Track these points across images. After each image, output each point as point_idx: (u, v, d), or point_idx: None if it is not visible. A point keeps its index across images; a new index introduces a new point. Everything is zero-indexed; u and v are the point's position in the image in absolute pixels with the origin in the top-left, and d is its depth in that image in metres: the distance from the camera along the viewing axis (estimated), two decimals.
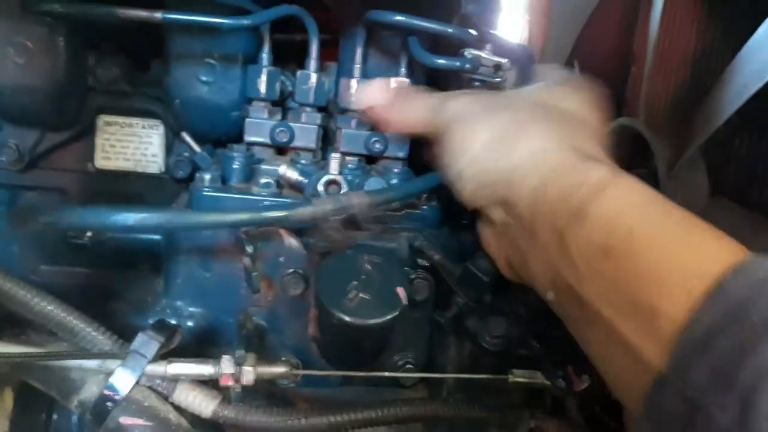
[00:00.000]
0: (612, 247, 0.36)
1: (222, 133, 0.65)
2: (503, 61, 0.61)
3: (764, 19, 0.70)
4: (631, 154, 0.90)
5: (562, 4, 1.11)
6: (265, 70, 0.61)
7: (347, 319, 0.48)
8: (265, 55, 0.61)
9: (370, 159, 0.64)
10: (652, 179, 0.82)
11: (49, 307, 0.48)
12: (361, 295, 0.49)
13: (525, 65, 0.81)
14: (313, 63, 0.61)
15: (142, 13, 0.56)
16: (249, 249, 0.51)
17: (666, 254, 0.34)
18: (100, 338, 0.49)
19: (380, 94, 0.57)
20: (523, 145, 0.45)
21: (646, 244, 0.35)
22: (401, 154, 0.62)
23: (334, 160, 0.53)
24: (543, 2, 1.10)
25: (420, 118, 0.53)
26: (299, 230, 0.55)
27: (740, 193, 0.76)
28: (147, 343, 0.48)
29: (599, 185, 0.39)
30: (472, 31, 0.60)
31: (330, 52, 0.66)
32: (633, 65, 0.96)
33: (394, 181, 0.61)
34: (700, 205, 0.76)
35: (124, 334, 0.51)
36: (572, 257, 0.38)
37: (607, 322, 0.36)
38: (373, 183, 0.59)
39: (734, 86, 0.72)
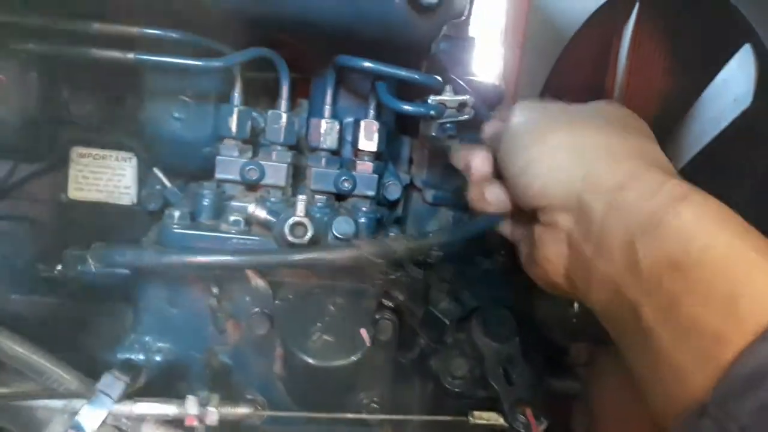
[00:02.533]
0: (682, 262, 0.35)
1: (194, 168, 0.66)
2: (466, 98, 0.62)
3: (726, 62, 0.73)
4: None
5: (536, 38, 1.13)
6: (236, 110, 0.62)
7: (311, 361, 0.49)
8: (236, 95, 0.62)
9: (339, 196, 0.65)
10: None
11: (15, 347, 0.49)
12: (324, 336, 0.50)
13: (495, 103, 0.84)
14: (283, 103, 0.62)
15: (115, 54, 0.57)
16: (215, 289, 0.52)
17: (739, 278, 0.33)
18: (67, 378, 0.50)
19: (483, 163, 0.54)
20: (599, 147, 0.44)
21: (719, 264, 0.34)
22: (370, 193, 0.64)
23: (301, 203, 0.55)
24: (517, 36, 1.13)
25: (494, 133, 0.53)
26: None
27: None
28: (113, 383, 0.49)
29: (676, 196, 0.38)
30: (438, 77, 0.61)
31: (302, 88, 0.67)
32: (609, 98, 0.99)
33: (362, 219, 0.62)
34: None
35: (94, 367, 0.52)
36: (639, 268, 0.37)
37: (662, 342, 0.34)
38: (341, 221, 0.61)
39: (694, 131, 0.74)
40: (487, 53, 1.07)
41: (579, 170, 0.43)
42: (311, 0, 0.54)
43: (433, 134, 0.62)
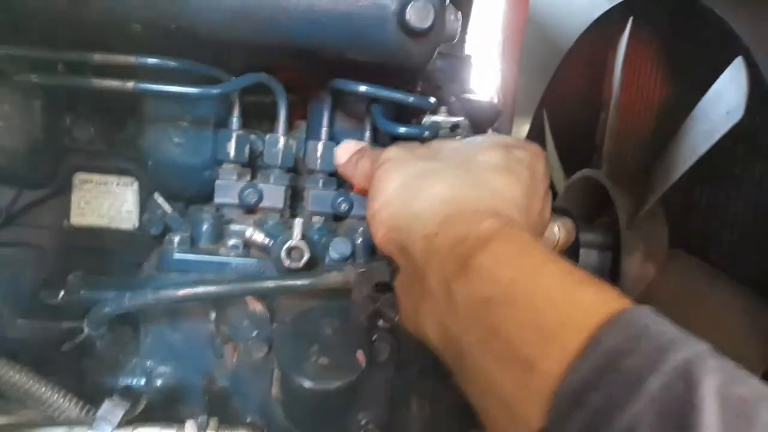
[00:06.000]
0: (492, 297, 0.37)
1: (194, 192, 0.67)
2: (460, 119, 0.63)
3: (718, 75, 0.74)
4: (595, 204, 0.93)
5: (533, 52, 1.14)
6: (234, 134, 0.63)
7: (307, 383, 0.50)
8: (234, 119, 0.63)
9: (337, 217, 0.66)
10: (614, 229, 0.85)
11: (15, 376, 0.49)
12: (321, 359, 0.51)
13: (490, 120, 0.84)
14: (281, 127, 0.63)
15: (115, 83, 0.58)
16: (212, 314, 0.53)
17: (543, 306, 0.35)
18: (67, 405, 0.50)
19: (346, 155, 0.60)
20: (426, 193, 0.46)
21: (524, 296, 0.36)
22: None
23: (297, 226, 0.55)
24: (514, 50, 1.14)
25: (366, 172, 0.56)
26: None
27: (700, 244, 0.79)
28: (113, 409, 0.50)
29: (485, 237, 0.40)
30: (432, 99, 0.62)
31: (301, 110, 0.68)
32: (603, 112, 1.00)
33: (360, 240, 0.63)
34: (660, 257, 0.79)
35: (96, 391, 0.53)
36: (457, 307, 0.39)
37: (486, 374, 0.36)
38: (338, 243, 0.61)
39: (688, 144, 0.75)
40: (484, 69, 1.08)
41: (407, 219, 0.46)
42: (306, 27, 0.55)
43: None
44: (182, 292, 0.52)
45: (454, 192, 0.46)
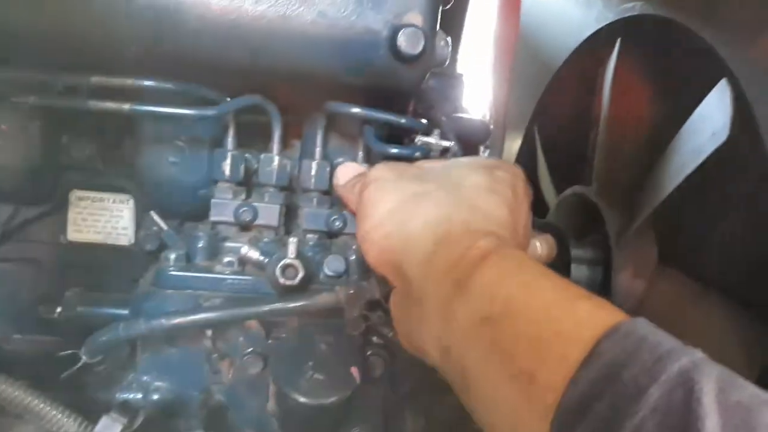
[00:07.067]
0: (491, 314, 0.38)
1: (190, 210, 0.68)
2: (450, 144, 0.65)
3: (703, 96, 0.75)
4: (586, 221, 0.94)
5: (525, 69, 1.16)
6: (229, 154, 0.64)
7: (302, 399, 0.51)
8: (230, 139, 0.65)
9: (331, 235, 0.67)
10: (605, 245, 0.86)
11: (14, 392, 0.50)
12: (316, 375, 0.52)
13: (481, 138, 0.86)
14: (275, 147, 0.64)
15: (111, 105, 0.59)
16: (208, 331, 0.54)
17: (542, 320, 0.36)
18: (65, 420, 0.51)
19: (345, 178, 0.61)
20: (420, 215, 0.47)
21: (522, 310, 0.37)
22: None
23: (292, 244, 0.57)
24: (505, 68, 1.16)
25: (354, 191, 0.56)
26: None
27: (688, 261, 0.80)
28: (110, 424, 0.51)
29: (481, 256, 0.41)
30: (424, 121, 0.64)
31: (296, 129, 0.70)
32: (593, 129, 1.01)
33: (353, 257, 0.64)
34: (648, 273, 0.80)
35: (94, 407, 0.53)
36: (457, 326, 0.40)
37: (489, 390, 0.37)
38: (332, 260, 0.63)
39: (675, 164, 0.76)
40: (477, 87, 1.10)
41: (401, 240, 0.47)
42: (299, 52, 0.56)
43: None
44: (175, 321, 0.53)
45: (446, 214, 0.47)
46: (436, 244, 0.44)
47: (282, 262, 0.55)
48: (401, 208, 0.48)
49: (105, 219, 0.72)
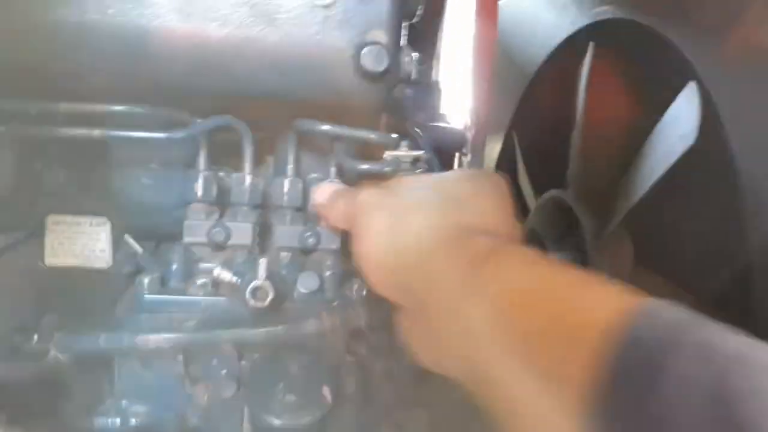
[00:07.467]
0: (505, 309, 0.36)
1: (165, 231, 0.68)
2: (420, 153, 0.65)
3: (672, 99, 0.76)
4: (565, 224, 0.95)
5: (502, 73, 1.17)
6: (201, 175, 0.64)
7: (276, 421, 0.51)
8: (202, 160, 0.65)
9: (305, 251, 0.67)
10: (582, 248, 0.87)
11: None
12: (288, 396, 0.52)
13: (457, 146, 0.87)
14: (247, 166, 0.65)
15: (83, 132, 0.60)
16: (179, 357, 0.54)
17: (561, 310, 0.34)
18: None
19: (323, 197, 0.62)
20: (415, 226, 0.47)
21: (539, 302, 0.36)
22: (334, 246, 0.66)
23: (262, 266, 0.57)
24: (485, 72, 1.16)
25: (341, 213, 0.57)
26: None
27: (663, 263, 0.81)
28: None
29: (485, 253, 0.40)
30: (394, 135, 0.64)
31: (269, 146, 0.70)
32: (573, 131, 1.02)
33: (328, 273, 0.65)
34: (624, 274, 0.81)
35: None
36: (471, 329, 0.38)
37: (513, 389, 0.35)
38: (306, 277, 0.63)
39: (647, 166, 0.77)
40: (455, 93, 1.10)
41: (398, 256, 0.46)
42: (266, 73, 0.57)
43: None
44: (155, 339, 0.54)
45: (440, 219, 0.47)
46: (435, 250, 0.44)
47: (252, 285, 0.56)
48: (395, 225, 0.48)
49: (82, 242, 0.72)
